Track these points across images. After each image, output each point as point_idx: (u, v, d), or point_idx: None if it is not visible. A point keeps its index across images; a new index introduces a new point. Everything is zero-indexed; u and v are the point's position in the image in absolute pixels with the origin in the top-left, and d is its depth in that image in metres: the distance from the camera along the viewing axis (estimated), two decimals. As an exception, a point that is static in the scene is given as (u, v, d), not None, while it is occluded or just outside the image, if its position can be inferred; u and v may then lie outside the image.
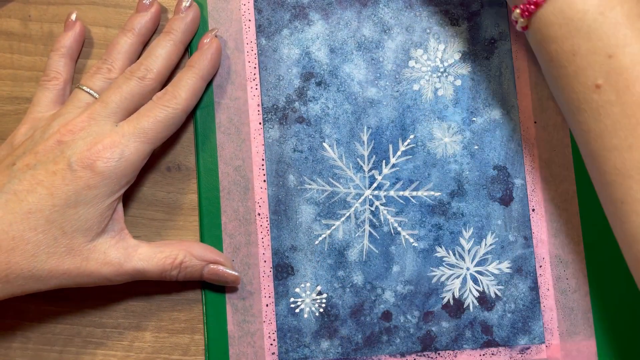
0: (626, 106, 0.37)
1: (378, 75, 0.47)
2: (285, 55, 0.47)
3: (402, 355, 0.46)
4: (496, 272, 0.47)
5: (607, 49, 0.38)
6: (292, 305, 0.46)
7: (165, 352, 0.47)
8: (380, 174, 0.47)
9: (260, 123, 0.47)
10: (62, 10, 0.49)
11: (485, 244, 0.47)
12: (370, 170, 0.47)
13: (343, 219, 0.47)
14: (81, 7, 0.49)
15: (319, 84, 0.47)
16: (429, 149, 0.47)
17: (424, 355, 0.46)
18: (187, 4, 0.47)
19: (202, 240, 0.46)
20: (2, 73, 0.48)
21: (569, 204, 0.46)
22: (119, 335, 0.47)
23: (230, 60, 0.47)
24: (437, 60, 0.47)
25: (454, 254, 0.47)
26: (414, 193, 0.47)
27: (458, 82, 0.47)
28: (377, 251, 0.46)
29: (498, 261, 0.47)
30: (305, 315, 0.46)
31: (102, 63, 0.46)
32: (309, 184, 0.47)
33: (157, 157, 0.48)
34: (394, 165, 0.47)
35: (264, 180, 0.47)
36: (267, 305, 0.46)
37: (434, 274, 0.47)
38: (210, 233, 0.46)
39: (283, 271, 0.46)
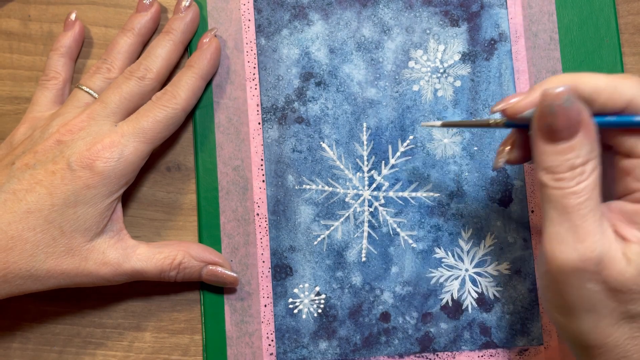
0: None
1: (378, 75, 0.47)
2: (285, 55, 0.47)
3: (401, 356, 0.46)
4: (495, 273, 0.46)
5: None
6: (291, 306, 0.46)
7: (164, 352, 0.47)
8: (379, 174, 0.47)
9: (259, 123, 0.47)
10: (62, 10, 0.49)
11: (484, 246, 0.46)
12: (369, 170, 0.47)
13: (342, 219, 0.46)
14: (81, 6, 0.49)
15: (318, 84, 0.47)
16: (429, 149, 0.47)
17: (423, 357, 0.46)
18: (187, 4, 0.47)
19: (200, 240, 0.46)
20: (1, 73, 0.48)
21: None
22: (119, 336, 0.47)
23: (230, 60, 0.47)
24: (436, 61, 0.47)
25: (453, 255, 0.46)
26: (413, 194, 0.47)
27: (458, 83, 0.47)
28: (376, 252, 0.46)
29: (497, 262, 0.46)
30: (304, 316, 0.46)
31: (102, 63, 0.46)
32: (308, 185, 0.47)
33: (156, 157, 0.48)
34: (393, 166, 0.47)
35: (263, 181, 0.47)
36: (265, 305, 0.46)
37: (432, 275, 0.46)
38: (208, 233, 0.46)
39: (282, 272, 0.46)
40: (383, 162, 0.47)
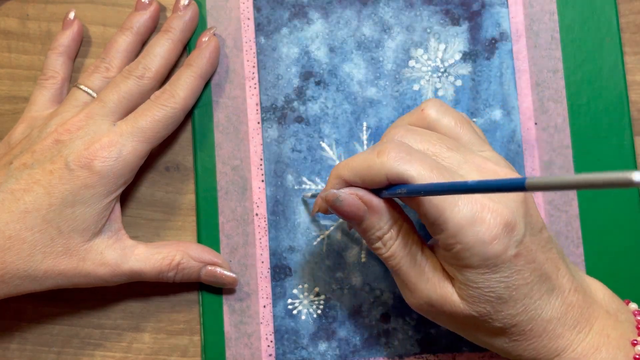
0: None
1: (378, 74, 0.47)
2: (284, 54, 0.47)
3: (401, 357, 0.46)
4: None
5: None
6: (290, 307, 0.46)
7: (163, 353, 0.46)
8: (379, 174, 0.46)
9: (258, 122, 0.47)
10: (60, 8, 0.48)
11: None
12: (369, 170, 0.47)
13: (342, 219, 0.46)
14: (79, 5, 0.48)
15: (318, 83, 0.47)
16: (429, 149, 0.47)
17: (423, 358, 0.46)
18: (186, 2, 0.46)
19: (199, 240, 0.46)
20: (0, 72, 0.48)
21: (569, 206, 0.46)
22: (118, 337, 0.47)
23: (229, 59, 0.47)
24: (437, 60, 0.47)
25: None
26: (414, 194, 0.46)
27: (458, 83, 0.47)
28: (376, 252, 0.46)
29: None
30: (303, 317, 0.46)
31: (100, 62, 0.46)
32: (308, 184, 0.46)
33: (155, 156, 0.48)
34: (393, 166, 0.46)
35: (262, 180, 0.46)
36: (264, 306, 0.46)
37: (433, 275, 0.46)
38: (207, 233, 0.46)
39: (281, 272, 0.46)
40: (383, 161, 0.47)
